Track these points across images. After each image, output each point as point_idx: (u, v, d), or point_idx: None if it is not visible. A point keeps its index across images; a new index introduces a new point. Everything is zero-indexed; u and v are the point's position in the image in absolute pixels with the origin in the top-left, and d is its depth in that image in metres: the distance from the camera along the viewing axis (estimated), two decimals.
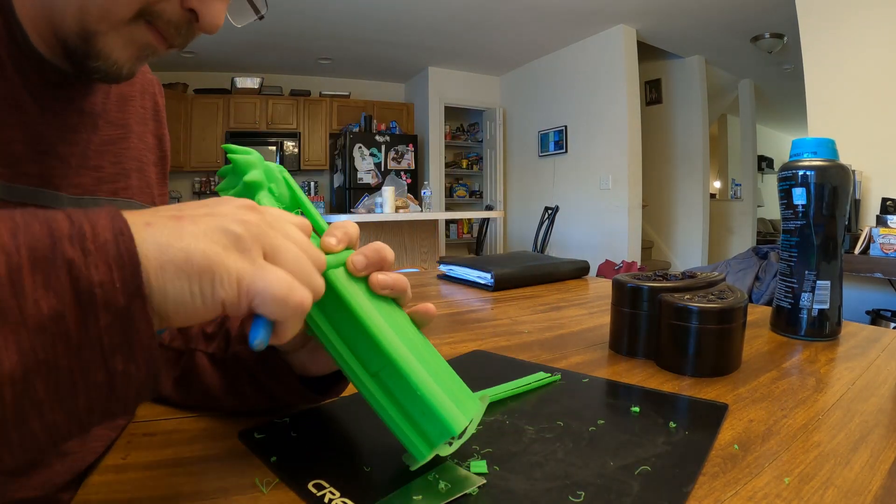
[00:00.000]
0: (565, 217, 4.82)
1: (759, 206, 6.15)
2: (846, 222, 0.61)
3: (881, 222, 2.19)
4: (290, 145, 5.50)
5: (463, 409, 0.29)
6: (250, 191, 0.31)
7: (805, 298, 0.60)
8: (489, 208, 5.26)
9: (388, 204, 3.15)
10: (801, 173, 0.60)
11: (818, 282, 0.59)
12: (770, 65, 4.96)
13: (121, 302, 0.19)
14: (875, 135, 2.41)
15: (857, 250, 2.18)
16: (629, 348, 0.55)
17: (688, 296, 0.50)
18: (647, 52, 4.75)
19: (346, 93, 5.79)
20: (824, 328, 0.60)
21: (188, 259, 0.21)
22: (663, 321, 0.50)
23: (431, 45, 4.86)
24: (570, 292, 0.93)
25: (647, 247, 5.12)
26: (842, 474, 0.30)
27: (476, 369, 0.50)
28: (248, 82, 5.26)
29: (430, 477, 0.29)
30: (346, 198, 5.19)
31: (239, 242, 0.22)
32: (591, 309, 0.79)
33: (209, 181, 5.32)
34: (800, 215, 0.60)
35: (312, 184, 5.65)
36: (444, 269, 1.11)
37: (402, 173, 5.32)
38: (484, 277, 0.97)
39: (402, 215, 3.12)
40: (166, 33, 0.33)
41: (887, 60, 2.37)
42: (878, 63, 2.40)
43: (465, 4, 3.91)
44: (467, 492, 0.28)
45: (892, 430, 0.36)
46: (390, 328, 0.29)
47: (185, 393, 0.41)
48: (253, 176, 0.30)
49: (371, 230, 3.16)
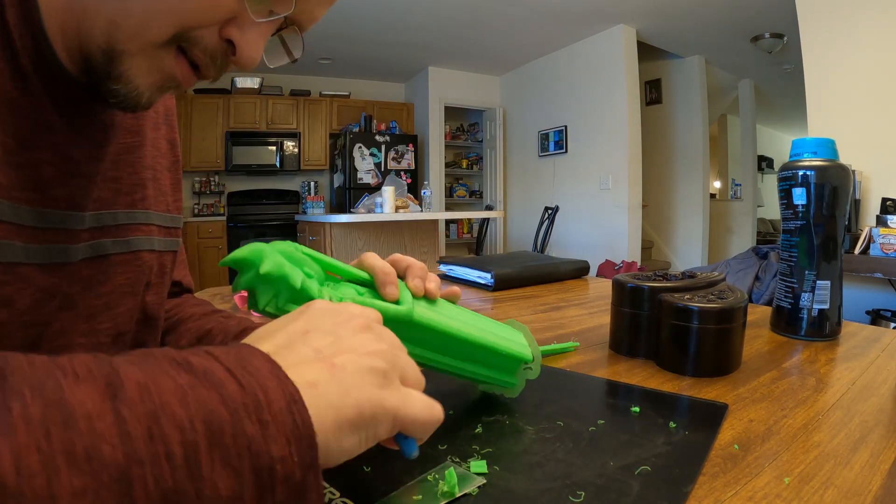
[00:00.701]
0: (565, 217, 4.82)
1: (759, 206, 6.15)
2: (846, 222, 0.61)
3: (881, 222, 2.19)
4: (290, 145, 5.50)
5: (521, 346, 0.39)
6: (290, 288, 0.28)
7: (805, 298, 0.60)
8: (489, 208, 5.27)
9: (388, 204, 3.15)
10: (801, 173, 0.60)
11: (818, 282, 0.59)
12: (770, 65, 4.96)
13: (297, 476, 0.18)
14: (875, 135, 2.41)
15: (857, 250, 2.18)
16: (629, 348, 0.55)
17: (688, 296, 0.50)
18: (647, 52, 4.75)
19: (346, 93, 5.80)
20: (824, 328, 0.60)
21: (360, 414, 0.21)
22: (663, 321, 0.50)
23: (431, 45, 4.86)
24: (570, 292, 0.93)
25: (647, 247, 5.12)
26: (842, 474, 0.30)
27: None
28: (248, 82, 5.26)
29: (430, 477, 0.29)
30: (346, 198, 5.19)
31: (386, 378, 0.23)
32: (591, 309, 0.79)
33: (209, 181, 5.32)
34: (800, 215, 0.60)
35: (312, 184, 5.65)
36: (444, 269, 1.11)
37: (402, 173, 5.32)
38: (484, 277, 0.97)
39: (402, 215, 3.12)
40: (201, 62, 0.31)
41: (887, 60, 2.37)
42: (878, 63, 2.40)
43: (465, 4, 3.91)
44: (467, 492, 0.28)
45: (892, 430, 0.36)
46: (462, 323, 0.35)
47: None
48: (277, 269, 0.28)
49: (371, 230, 3.16)
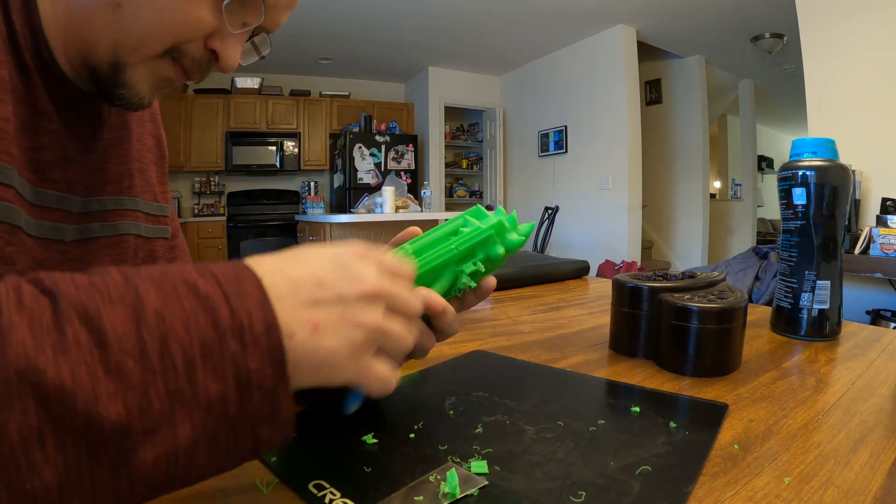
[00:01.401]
0: (565, 217, 4.82)
1: (759, 206, 6.15)
2: (846, 222, 0.61)
3: (881, 222, 2.19)
4: (290, 145, 5.50)
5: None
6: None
7: (805, 298, 0.60)
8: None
9: (389, 204, 3.15)
10: (801, 173, 0.59)
11: (818, 282, 0.59)
12: (770, 65, 4.96)
13: (269, 384, 0.23)
14: (875, 135, 2.41)
15: (857, 250, 2.18)
16: (629, 348, 0.55)
17: (688, 296, 0.50)
18: (647, 52, 4.75)
19: (346, 93, 5.79)
20: (824, 328, 0.60)
21: (319, 369, 0.25)
22: (663, 321, 0.50)
23: (431, 45, 4.86)
24: (570, 292, 0.93)
25: (647, 247, 5.12)
26: (842, 474, 0.30)
27: (476, 369, 0.50)
28: (248, 82, 5.27)
29: (431, 478, 0.29)
30: (346, 198, 5.19)
31: (358, 350, 0.26)
32: (591, 309, 0.79)
33: (209, 181, 5.32)
34: (800, 215, 0.60)
35: (312, 184, 5.65)
36: None
37: (402, 173, 5.32)
38: None
39: (403, 215, 3.12)
40: (188, 69, 0.38)
41: (887, 60, 2.37)
42: (878, 63, 2.40)
43: (465, 4, 3.91)
44: (469, 493, 0.28)
45: (892, 430, 0.36)
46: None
47: None
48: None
49: (371, 230, 3.16)
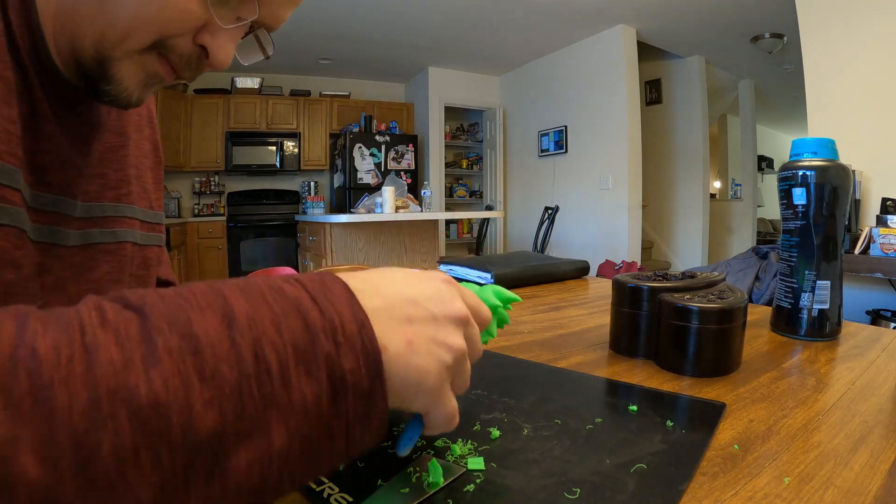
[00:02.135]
0: (565, 217, 4.82)
1: (759, 206, 6.15)
2: (846, 222, 0.61)
3: (881, 222, 2.18)
4: (290, 145, 5.50)
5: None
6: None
7: (805, 298, 0.60)
8: (489, 208, 5.27)
9: (388, 204, 3.15)
10: (801, 173, 0.59)
11: (818, 282, 0.59)
12: (770, 65, 4.96)
13: (366, 384, 0.23)
14: (875, 135, 2.41)
15: (857, 250, 2.18)
16: (629, 348, 0.54)
17: (688, 296, 0.50)
18: (647, 52, 4.75)
19: (346, 93, 5.80)
20: (824, 328, 0.60)
21: (405, 388, 0.25)
22: (663, 321, 0.50)
23: (431, 45, 4.86)
24: (570, 292, 0.93)
25: (647, 247, 5.12)
26: (842, 474, 0.30)
27: (476, 368, 0.50)
28: (248, 82, 5.27)
29: (409, 469, 0.29)
30: (347, 198, 5.19)
31: (443, 373, 0.26)
32: (591, 309, 0.78)
33: (209, 181, 5.32)
34: (800, 215, 0.60)
35: (312, 184, 5.65)
36: (444, 269, 1.11)
37: (402, 173, 5.32)
38: (484, 277, 0.97)
39: (402, 215, 3.12)
40: (177, 66, 0.36)
41: (887, 61, 2.37)
42: (878, 63, 2.40)
43: (465, 4, 3.92)
44: (454, 479, 0.29)
45: (892, 430, 0.36)
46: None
47: None
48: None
49: (371, 230, 3.16)
